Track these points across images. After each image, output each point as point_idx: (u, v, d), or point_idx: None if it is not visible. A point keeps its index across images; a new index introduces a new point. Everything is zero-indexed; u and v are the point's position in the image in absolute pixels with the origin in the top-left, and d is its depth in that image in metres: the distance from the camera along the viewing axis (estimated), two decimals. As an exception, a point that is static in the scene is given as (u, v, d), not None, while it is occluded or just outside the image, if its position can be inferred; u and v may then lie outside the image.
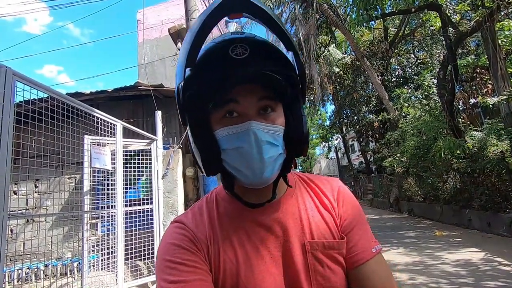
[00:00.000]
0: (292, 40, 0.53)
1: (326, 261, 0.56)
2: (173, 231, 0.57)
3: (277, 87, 0.52)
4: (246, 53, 0.49)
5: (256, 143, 0.49)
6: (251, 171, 0.50)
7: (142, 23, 10.49)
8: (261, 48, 0.51)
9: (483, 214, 6.13)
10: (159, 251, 0.55)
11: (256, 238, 0.56)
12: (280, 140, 0.53)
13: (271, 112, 0.53)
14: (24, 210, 4.25)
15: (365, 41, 14.94)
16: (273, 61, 0.51)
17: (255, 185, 0.52)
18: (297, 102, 0.56)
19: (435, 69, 9.94)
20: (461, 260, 4.31)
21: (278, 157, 0.53)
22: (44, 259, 3.65)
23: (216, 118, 0.53)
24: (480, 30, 6.50)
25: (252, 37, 0.51)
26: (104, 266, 3.29)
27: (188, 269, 0.51)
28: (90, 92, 5.01)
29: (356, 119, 16.35)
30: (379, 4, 6.41)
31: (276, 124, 0.53)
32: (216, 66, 0.50)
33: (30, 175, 2.29)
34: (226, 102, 0.51)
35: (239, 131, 0.50)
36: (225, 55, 0.49)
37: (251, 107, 0.52)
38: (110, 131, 3.12)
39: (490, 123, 6.69)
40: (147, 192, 3.89)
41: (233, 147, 0.51)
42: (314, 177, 0.68)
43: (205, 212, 0.60)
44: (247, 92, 0.51)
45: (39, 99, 2.24)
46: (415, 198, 9.72)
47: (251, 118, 0.51)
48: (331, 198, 0.63)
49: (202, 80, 0.50)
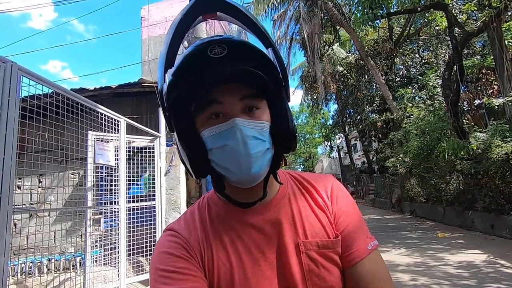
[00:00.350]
0: (269, 36, 0.53)
1: (321, 260, 0.56)
2: (166, 239, 0.57)
3: (259, 84, 0.51)
4: (224, 52, 0.49)
5: (242, 139, 0.49)
6: (239, 168, 0.50)
7: (146, 19, 10.49)
8: (240, 47, 0.50)
9: (486, 216, 6.09)
10: (153, 260, 0.55)
11: (249, 240, 0.56)
12: (266, 136, 0.52)
13: (256, 110, 0.53)
14: (28, 204, 4.29)
15: (369, 40, 14.84)
16: (252, 58, 0.51)
17: (244, 182, 0.51)
18: (280, 98, 0.55)
19: (440, 69, 9.86)
20: (463, 262, 4.28)
21: (266, 152, 0.52)
22: (47, 253, 3.68)
23: (201, 120, 0.52)
24: (487, 31, 6.44)
25: (230, 37, 0.50)
26: (106, 262, 3.31)
27: (183, 277, 0.50)
28: (94, 88, 5.03)
29: (359, 118, 16.28)
30: (385, 2, 6.35)
31: (261, 120, 0.53)
32: (196, 67, 0.49)
33: (34, 170, 2.30)
34: (209, 104, 0.51)
35: (224, 129, 0.50)
36: (204, 56, 0.49)
37: (234, 106, 0.51)
38: (114, 127, 3.14)
39: (495, 125, 6.63)
40: (149, 188, 3.91)
41: (219, 146, 0.50)
42: (307, 175, 0.68)
43: (197, 218, 0.60)
44: (229, 92, 0.51)
45: (44, 94, 2.25)
46: (417, 198, 9.68)
47: (235, 116, 0.50)
48: (325, 196, 0.62)
49: (183, 82, 0.49)
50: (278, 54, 0.54)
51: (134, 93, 5.22)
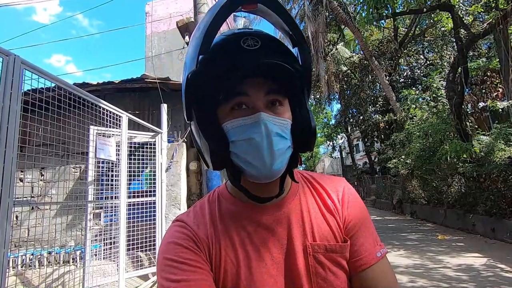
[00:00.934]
0: (302, 35, 0.54)
1: (328, 264, 0.55)
2: (175, 230, 0.57)
3: (287, 80, 0.52)
4: (257, 45, 0.50)
5: (266, 134, 0.49)
6: (261, 163, 0.49)
7: (151, 15, 10.49)
8: (271, 42, 0.52)
9: (488, 219, 6.06)
10: (161, 250, 0.55)
11: (258, 239, 0.56)
12: (288, 133, 0.53)
13: (279, 106, 0.53)
14: (29, 197, 4.32)
15: (374, 40, 14.77)
16: (282, 55, 0.52)
17: (263, 177, 0.51)
18: (303, 97, 0.56)
19: (444, 71, 9.80)
20: (463, 265, 4.27)
21: (287, 150, 0.52)
22: (47, 246, 3.71)
23: (224, 110, 0.52)
24: (493, 33, 6.38)
25: (261, 31, 0.52)
26: (106, 256, 3.33)
27: (190, 269, 0.51)
28: (97, 83, 5.04)
29: (362, 119, 16.22)
30: (390, 3, 6.30)
31: (283, 117, 0.53)
32: (229, 55, 0.50)
33: (36, 163, 2.32)
34: (235, 95, 0.51)
35: (249, 123, 0.50)
36: (238, 46, 0.49)
37: (260, 100, 0.51)
38: (115, 123, 3.14)
39: (498, 128, 6.58)
40: (150, 184, 3.92)
41: (243, 139, 0.50)
42: (319, 176, 0.67)
43: (207, 212, 0.60)
44: (256, 86, 0.51)
45: (47, 88, 2.26)
46: (418, 200, 9.64)
47: (260, 110, 0.50)
48: (335, 200, 0.61)
49: (213, 71, 0.49)
50: (306, 53, 0.54)
51: (136, 88, 5.22)
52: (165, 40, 10.40)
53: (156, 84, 4.63)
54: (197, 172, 4.81)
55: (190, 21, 4.51)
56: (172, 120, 4.98)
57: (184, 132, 5.01)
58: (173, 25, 8.56)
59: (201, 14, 4.55)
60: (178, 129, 5.24)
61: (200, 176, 4.77)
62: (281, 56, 0.51)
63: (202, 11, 4.54)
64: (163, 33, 10.62)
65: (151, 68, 7.05)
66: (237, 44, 0.49)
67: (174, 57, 8.88)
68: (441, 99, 8.25)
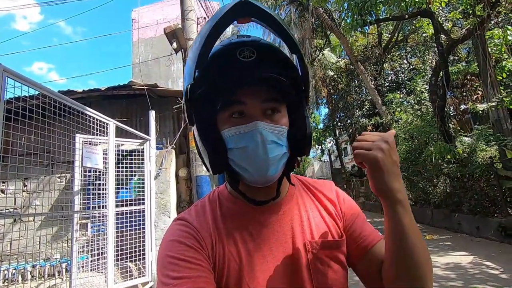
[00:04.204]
0: (297, 44, 0.56)
1: (327, 260, 0.58)
2: (177, 228, 0.58)
3: (282, 89, 0.54)
4: (253, 56, 0.52)
5: (262, 143, 0.51)
6: (257, 170, 0.52)
7: (137, 22, 10.42)
8: (267, 51, 0.54)
9: (472, 218, 6.24)
10: (162, 247, 0.55)
11: (259, 237, 0.58)
12: (284, 140, 0.55)
13: (276, 113, 0.56)
14: (12, 209, 4.16)
15: (359, 46, 15.11)
16: (278, 64, 0.54)
17: (259, 183, 0.54)
18: (300, 103, 0.58)
19: (427, 75, 10.10)
20: (450, 264, 4.37)
21: (283, 156, 0.55)
22: (31, 259, 3.57)
23: (223, 117, 0.55)
24: (471, 38, 6.65)
25: (258, 40, 0.54)
26: (93, 267, 3.23)
27: (192, 266, 0.51)
28: (82, 90, 4.95)
29: (349, 122, 16.50)
30: (373, 9, 6.49)
31: (280, 124, 0.55)
32: (225, 68, 0.52)
33: (19, 173, 2.24)
34: (232, 103, 0.54)
35: (245, 131, 0.52)
36: (233, 58, 0.52)
37: (257, 108, 0.54)
38: (102, 130, 3.09)
39: (479, 129, 6.83)
40: (139, 192, 3.85)
41: (239, 147, 0.53)
42: (311, 180, 0.72)
43: (209, 211, 0.61)
44: (252, 94, 0.53)
45: (30, 96, 2.20)
46: (406, 201, 9.82)
47: (257, 119, 0.53)
48: (331, 198, 0.67)
49: (211, 81, 0.52)
50: (303, 61, 0.57)
51: (123, 95, 5.15)
52: (152, 46, 10.33)
53: (143, 91, 4.58)
54: (187, 179, 4.76)
55: (177, 27, 4.51)
56: (160, 126, 4.92)
57: (173, 138, 4.96)
58: (160, 31, 8.52)
59: (188, 20, 4.56)
60: (167, 135, 5.19)
61: (189, 183, 4.72)
62: (277, 66, 0.53)
63: (189, 17, 4.55)
64: (150, 40, 10.55)
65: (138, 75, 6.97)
66: (233, 56, 0.52)
67: (162, 64, 8.83)
68: (424, 102, 8.50)
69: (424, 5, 6.30)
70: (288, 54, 0.57)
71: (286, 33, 0.53)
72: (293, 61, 0.57)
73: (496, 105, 6.01)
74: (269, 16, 0.51)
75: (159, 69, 9.31)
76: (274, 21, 0.52)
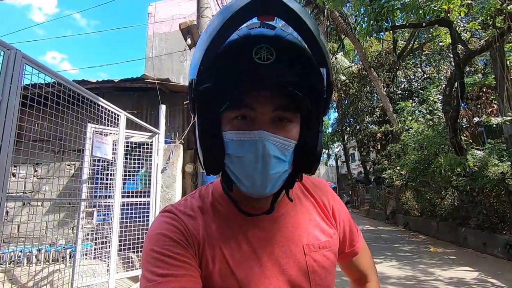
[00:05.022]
0: (326, 55, 0.47)
1: (323, 261, 0.58)
2: (164, 221, 0.54)
3: (298, 97, 0.48)
4: (271, 59, 0.45)
5: (262, 156, 0.47)
6: (252, 184, 0.48)
7: (153, 16, 10.53)
8: (288, 53, 0.46)
9: (479, 233, 6.10)
10: (148, 240, 0.52)
11: (254, 239, 0.55)
12: (288, 156, 0.50)
13: (287, 122, 0.50)
14: (21, 193, 4.26)
15: (373, 52, 14.97)
16: (299, 69, 0.47)
17: (253, 195, 0.50)
18: (316, 116, 0.52)
19: (441, 84, 9.93)
20: (454, 278, 4.28)
21: (283, 173, 0.50)
22: (37, 243, 3.65)
23: (228, 117, 0.50)
24: (489, 50, 6.51)
25: (283, 36, 0.47)
26: (96, 255, 3.29)
27: (178, 263, 0.48)
28: (96, 81, 5.03)
29: (358, 128, 16.35)
30: (390, 15, 6.42)
31: (288, 137, 0.50)
32: (236, 66, 0.46)
33: (30, 158, 2.29)
34: (240, 107, 0.48)
35: (247, 139, 0.47)
36: (248, 57, 0.45)
37: (266, 115, 0.48)
38: (113, 121, 3.13)
39: (492, 143, 6.67)
40: (145, 185, 3.89)
41: (237, 155, 0.48)
42: (307, 177, 0.68)
43: (200, 206, 0.58)
44: (264, 100, 0.48)
45: (46, 83, 2.25)
46: (412, 212, 9.68)
47: (263, 127, 0.47)
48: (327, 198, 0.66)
49: (218, 77, 0.46)
50: (330, 76, 0.50)
51: (136, 88, 5.22)
52: (167, 41, 10.42)
53: (155, 85, 4.63)
54: (193, 175, 4.79)
55: (193, 24, 4.54)
56: (170, 121, 4.97)
57: (182, 133, 5.00)
58: (175, 26, 8.59)
59: (204, 17, 4.59)
60: (176, 130, 5.23)
61: (195, 179, 4.75)
62: (298, 72, 0.46)
63: (205, 15, 4.58)
64: (165, 34, 10.64)
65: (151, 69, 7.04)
66: (248, 54, 0.45)
67: (175, 59, 8.90)
68: (437, 113, 8.36)
69: (443, 14, 6.19)
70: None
71: (315, 41, 0.45)
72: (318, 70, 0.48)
73: (511, 119, 5.87)
74: (297, 17, 0.42)
75: (172, 64, 9.39)
76: (303, 24, 0.43)
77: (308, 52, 0.47)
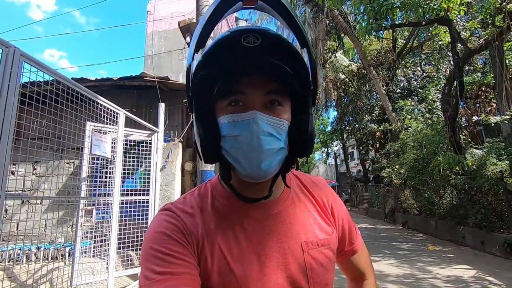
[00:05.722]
0: (306, 36, 0.52)
1: (321, 259, 0.58)
2: (163, 219, 0.55)
3: (286, 80, 0.51)
4: (257, 42, 0.48)
5: (256, 132, 0.48)
6: (249, 161, 0.49)
7: (152, 14, 10.49)
8: (274, 41, 0.49)
9: (477, 232, 6.13)
10: (147, 238, 0.53)
11: (253, 236, 0.55)
12: (283, 135, 0.52)
13: (278, 106, 0.52)
14: (20, 191, 4.25)
15: (372, 50, 14.94)
16: (284, 55, 0.50)
17: (252, 177, 0.51)
18: (305, 99, 0.54)
19: (440, 83, 9.94)
20: (452, 276, 4.31)
21: (279, 151, 0.51)
22: (36, 241, 3.65)
23: (222, 105, 0.52)
24: (489, 49, 6.51)
25: (267, 30, 0.50)
26: (96, 254, 3.29)
27: (177, 261, 0.49)
28: (95, 79, 5.02)
29: (357, 127, 16.36)
30: (390, 14, 6.40)
31: (280, 118, 0.52)
32: (227, 52, 0.49)
33: (29, 156, 2.28)
34: (232, 93, 0.51)
35: (241, 119, 0.49)
36: (237, 43, 0.48)
37: (257, 98, 0.51)
38: (112, 119, 3.13)
39: (491, 142, 6.69)
40: (144, 183, 3.89)
41: (233, 135, 0.50)
42: (306, 175, 0.71)
43: (199, 204, 0.58)
44: (254, 85, 0.50)
45: (45, 81, 2.24)
46: (410, 210, 9.72)
47: (255, 109, 0.50)
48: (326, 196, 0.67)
49: (212, 65, 0.49)
50: (312, 56, 0.53)
51: (135, 86, 5.21)
52: (166, 39, 10.39)
53: (154, 83, 4.62)
54: (192, 173, 4.79)
55: (192, 22, 4.53)
56: (169, 119, 4.96)
57: (181, 132, 4.99)
58: (174, 24, 8.57)
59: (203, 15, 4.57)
60: (175, 128, 5.23)
61: (194, 177, 4.75)
62: (283, 56, 0.49)
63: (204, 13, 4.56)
64: (164, 32, 10.61)
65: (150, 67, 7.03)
66: (237, 41, 0.48)
67: (174, 57, 8.89)
68: (436, 111, 8.37)
69: (442, 13, 6.18)
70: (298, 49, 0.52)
71: (295, 23, 0.50)
72: (302, 56, 0.52)
73: (510, 118, 5.88)
74: (278, 2, 0.48)
75: (171, 62, 9.37)
76: (284, 8, 0.49)
77: (291, 44, 0.50)
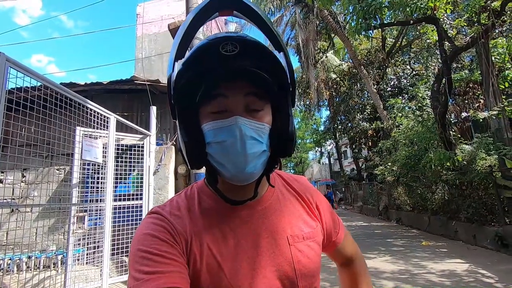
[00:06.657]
0: (281, 41, 0.55)
1: (307, 251, 0.60)
2: (151, 221, 0.55)
3: (265, 85, 0.53)
4: (235, 50, 0.49)
5: (240, 137, 0.50)
6: (234, 166, 0.51)
7: (142, 17, 10.40)
8: (252, 47, 0.51)
9: (469, 226, 6.24)
10: (135, 241, 0.53)
11: (241, 234, 0.57)
12: (265, 138, 0.54)
13: (259, 111, 0.54)
14: (9, 199, 4.16)
15: (362, 50, 15.11)
16: (262, 60, 0.52)
17: (237, 180, 0.53)
18: (285, 102, 0.56)
19: (429, 81, 10.10)
20: (446, 271, 4.37)
21: (262, 154, 0.53)
22: (27, 250, 3.57)
23: (205, 112, 0.53)
24: (475, 46, 6.65)
25: (244, 36, 0.51)
26: (89, 261, 3.24)
27: (165, 261, 0.49)
28: (85, 83, 4.95)
29: (350, 126, 16.51)
30: (378, 14, 6.48)
31: (261, 122, 0.54)
32: (206, 60, 0.50)
33: (18, 164, 2.24)
34: (214, 97, 0.52)
35: (224, 125, 0.51)
36: (215, 51, 0.50)
37: (238, 103, 0.52)
38: (103, 124, 3.09)
39: (480, 137, 6.82)
40: (137, 187, 3.85)
41: (217, 141, 0.51)
42: (288, 174, 0.74)
43: (186, 206, 0.59)
44: (234, 88, 0.52)
45: (32, 87, 2.20)
46: (404, 207, 9.83)
47: (237, 114, 0.51)
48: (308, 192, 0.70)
49: (192, 73, 0.51)
50: (289, 59, 0.55)
51: (125, 90, 5.16)
52: (156, 42, 10.32)
53: (145, 86, 4.58)
54: (186, 176, 4.76)
55: (181, 24, 4.51)
56: (161, 122, 4.92)
57: (173, 135, 4.96)
58: (164, 27, 8.51)
59: (193, 17, 4.55)
60: (167, 132, 5.19)
61: (188, 180, 4.72)
62: (259, 62, 0.51)
63: (194, 15, 4.55)
64: (154, 35, 10.53)
65: (141, 70, 6.97)
66: (215, 49, 0.49)
67: (165, 60, 8.82)
68: (426, 109, 8.49)
69: (429, 12, 6.29)
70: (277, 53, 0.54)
71: (269, 29, 0.53)
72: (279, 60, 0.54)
73: (497, 114, 6.01)
74: (251, 10, 0.52)
75: (162, 65, 9.31)
76: (257, 15, 0.52)
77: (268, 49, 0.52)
